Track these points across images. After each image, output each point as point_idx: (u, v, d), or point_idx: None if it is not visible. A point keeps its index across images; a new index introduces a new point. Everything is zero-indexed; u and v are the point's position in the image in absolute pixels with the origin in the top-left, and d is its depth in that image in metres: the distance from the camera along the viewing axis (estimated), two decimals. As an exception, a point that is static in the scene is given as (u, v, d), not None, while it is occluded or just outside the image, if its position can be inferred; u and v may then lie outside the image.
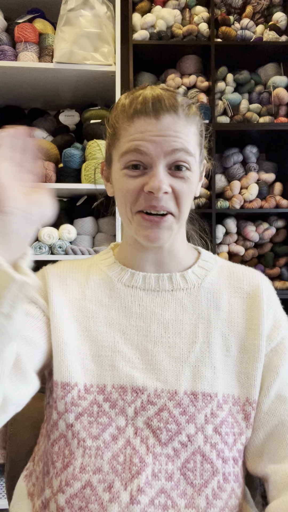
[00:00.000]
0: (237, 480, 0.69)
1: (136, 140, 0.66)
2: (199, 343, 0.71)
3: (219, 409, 0.68)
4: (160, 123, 0.66)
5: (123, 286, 0.74)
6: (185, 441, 0.67)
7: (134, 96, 0.69)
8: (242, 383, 0.71)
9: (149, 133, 0.66)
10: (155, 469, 0.65)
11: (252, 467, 0.72)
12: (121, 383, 0.68)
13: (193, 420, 0.67)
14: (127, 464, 0.65)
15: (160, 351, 0.70)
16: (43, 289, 0.74)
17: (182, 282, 0.74)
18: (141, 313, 0.73)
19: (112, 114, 0.73)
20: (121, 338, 0.71)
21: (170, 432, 0.67)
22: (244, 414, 0.70)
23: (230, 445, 0.68)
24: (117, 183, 0.71)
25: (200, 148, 0.73)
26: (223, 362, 0.71)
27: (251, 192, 2.06)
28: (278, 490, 0.65)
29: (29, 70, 1.78)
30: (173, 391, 0.68)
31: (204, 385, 0.69)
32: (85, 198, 1.93)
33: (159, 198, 0.66)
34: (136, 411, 0.68)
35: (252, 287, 0.75)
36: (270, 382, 0.71)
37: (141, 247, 0.74)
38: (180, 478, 0.66)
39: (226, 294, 0.75)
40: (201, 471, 0.66)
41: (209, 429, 0.67)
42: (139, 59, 2.02)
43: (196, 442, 0.67)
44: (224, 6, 2.14)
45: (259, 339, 0.71)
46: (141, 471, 0.64)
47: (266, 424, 0.70)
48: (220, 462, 0.67)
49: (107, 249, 0.83)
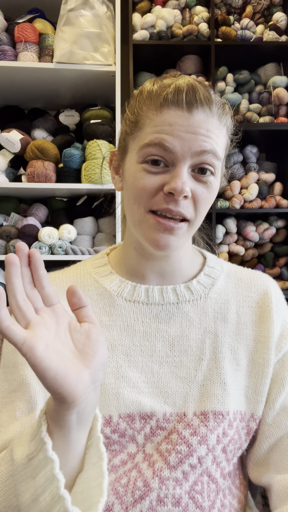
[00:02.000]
0: (231, 492, 0.67)
1: (163, 133, 0.58)
2: (206, 360, 0.67)
3: (229, 427, 0.65)
4: (192, 117, 0.58)
5: (124, 301, 0.68)
6: (195, 464, 0.63)
7: (165, 84, 0.61)
8: (250, 398, 0.68)
9: (179, 127, 0.58)
10: (161, 494, 0.61)
11: (255, 477, 0.70)
12: (128, 412, 0.63)
13: (205, 441, 0.63)
14: (130, 487, 0.61)
15: (166, 372, 0.66)
16: None
17: (187, 294, 0.69)
18: (145, 330, 0.67)
19: (135, 99, 0.65)
20: (125, 361, 0.66)
21: (179, 454, 0.62)
22: (247, 429, 0.67)
23: (229, 461, 0.66)
24: (131, 178, 0.62)
25: (226, 152, 0.66)
26: (234, 376, 0.67)
27: (251, 192, 2.06)
28: (281, 500, 0.64)
29: (29, 70, 1.78)
30: (181, 414, 0.64)
31: (213, 404, 0.64)
32: (85, 198, 1.93)
33: (178, 202, 0.59)
34: (146, 437, 0.63)
35: (261, 295, 0.71)
36: (276, 394, 0.68)
37: (147, 253, 0.67)
38: (188, 502, 0.61)
39: (234, 304, 0.70)
40: (208, 492, 0.63)
41: (218, 449, 0.64)
42: (139, 59, 2.02)
43: (205, 463, 0.63)
44: (224, 6, 2.14)
45: (268, 352, 0.68)
46: (144, 496, 0.61)
47: (270, 436, 0.68)
48: (222, 480, 0.66)
49: (100, 254, 0.75)
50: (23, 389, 0.63)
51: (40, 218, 1.90)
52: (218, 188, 0.66)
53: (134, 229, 0.65)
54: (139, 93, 0.65)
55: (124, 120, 0.67)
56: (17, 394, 0.63)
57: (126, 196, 0.65)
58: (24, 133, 1.88)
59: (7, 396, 0.65)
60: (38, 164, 1.77)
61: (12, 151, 1.86)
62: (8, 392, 0.65)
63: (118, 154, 0.68)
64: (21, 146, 1.84)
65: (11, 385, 0.65)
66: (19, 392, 0.63)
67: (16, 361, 0.66)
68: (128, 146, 0.65)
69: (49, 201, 1.97)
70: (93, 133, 1.81)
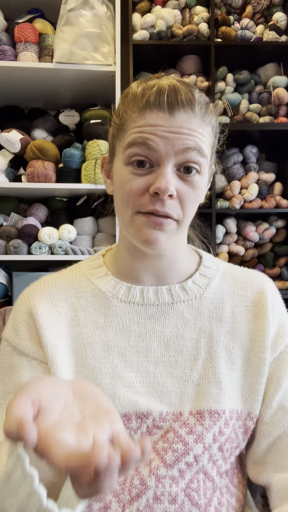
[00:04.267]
0: (228, 491, 0.67)
1: (145, 132, 0.59)
2: (201, 359, 0.67)
3: (226, 426, 0.65)
4: (174, 119, 0.58)
5: (119, 302, 0.68)
6: (191, 462, 0.63)
7: (148, 86, 0.61)
8: (246, 397, 0.68)
9: (161, 128, 0.58)
10: (157, 492, 0.62)
11: (254, 476, 0.70)
12: (124, 411, 0.64)
13: (201, 439, 0.63)
14: (126, 486, 0.62)
15: (162, 372, 0.66)
16: (33, 330, 0.66)
17: (182, 294, 0.69)
18: (140, 331, 0.67)
19: (121, 102, 0.66)
20: (120, 362, 0.66)
21: (176, 453, 0.63)
22: (244, 428, 0.67)
23: (226, 459, 0.67)
24: (119, 181, 0.63)
25: (212, 151, 0.66)
26: (229, 376, 0.67)
27: (251, 192, 2.06)
28: (281, 499, 0.64)
29: (29, 70, 1.78)
30: (177, 413, 0.65)
31: (209, 403, 0.65)
32: (85, 198, 1.93)
33: (163, 202, 0.59)
34: (142, 436, 0.64)
35: (256, 294, 0.71)
36: (273, 393, 0.68)
37: (140, 253, 0.67)
38: (184, 499, 0.62)
39: (230, 303, 0.70)
40: (204, 490, 0.64)
41: (214, 448, 0.64)
42: (139, 59, 2.02)
43: (201, 461, 0.64)
44: (224, 6, 2.14)
45: (264, 351, 0.68)
46: (141, 494, 0.62)
47: (268, 435, 0.68)
48: (218, 478, 0.66)
49: (96, 255, 0.75)
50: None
51: (40, 218, 1.90)
52: (206, 188, 0.66)
53: (125, 230, 0.66)
54: (125, 95, 0.65)
55: (112, 123, 0.68)
56: (11, 397, 0.63)
57: (115, 199, 0.66)
58: (24, 133, 1.88)
59: (2, 398, 0.65)
60: (38, 164, 1.77)
61: (12, 151, 1.86)
62: (3, 394, 0.65)
63: (108, 157, 0.69)
64: (21, 146, 1.84)
65: (7, 387, 0.65)
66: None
67: (13, 363, 0.66)
68: (115, 147, 0.65)
69: (49, 201, 1.98)
70: (93, 133, 1.81)
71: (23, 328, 0.67)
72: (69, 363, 0.66)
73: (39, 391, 0.42)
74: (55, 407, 0.42)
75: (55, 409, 0.42)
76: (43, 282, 0.71)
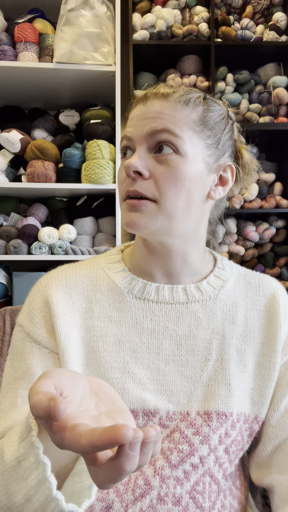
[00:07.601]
0: (231, 493, 0.67)
1: (127, 127, 0.65)
2: (212, 360, 0.67)
3: (232, 428, 0.65)
4: (146, 107, 0.63)
5: (134, 299, 0.68)
6: (196, 463, 0.63)
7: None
8: (254, 400, 0.68)
9: (136, 117, 0.64)
10: (161, 492, 0.61)
11: (257, 478, 0.70)
12: (132, 407, 0.64)
13: (207, 441, 0.63)
14: (130, 485, 0.61)
15: (172, 371, 0.66)
16: (47, 319, 0.67)
17: (197, 294, 0.69)
18: (153, 328, 0.67)
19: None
20: (131, 358, 0.66)
21: (181, 453, 0.62)
22: (250, 431, 0.67)
23: (232, 462, 0.67)
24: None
25: (200, 136, 0.63)
26: (239, 378, 0.67)
27: (251, 192, 2.06)
28: (283, 501, 0.64)
29: (29, 70, 1.78)
30: (185, 412, 0.64)
31: (217, 404, 0.64)
32: (85, 198, 1.93)
33: (134, 181, 0.61)
34: None
35: (269, 299, 0.72)
36: (281, 397, 0.68)
37: (151, 249, 0.68)
38: (189, 502, 0.62)
39: (243, 306, 0.70)
40: (210, 493, 0.63)
41: (220, 450, 0.64)
42: (139, 59, 2.02)
43: (207, 463, 0.64)
44: (224, 6, 2.14)
45: (275, 356, 0.68)
46: (145, 494, 0.61)
47: (274, 438, 0.68)
48: (224, 481, 0.66)
49: (114, 250, 0.76)
50: (27, 378, 0.64)
51: (40, 218, 1.91)
52: (195, 167, 0.63)
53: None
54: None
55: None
56: (20, 382, 0.64)
57: None
58: (24, 133, 1.88)
59: (11, 383, 0.66)
60: (38, 164, 1.77)
61: (12, 151, 1.87)
62: (13, 379, 0.66)
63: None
64: (21, 146, 1.84)
65: (17, 372, 0.66)
66: (23, 380, 0.64)
67: (24, 349, 0.66)
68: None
69: (49, 201, 1.98)
70: (93, 133, 1.81)
71: (37, 315, 0.67)
72: (80, 354, 0.66)
73: (61, 379, 0.42)
74: (74, 398, 0.42)
75: (74, 400, 0.42)
76: (61, 272, 0.71)
